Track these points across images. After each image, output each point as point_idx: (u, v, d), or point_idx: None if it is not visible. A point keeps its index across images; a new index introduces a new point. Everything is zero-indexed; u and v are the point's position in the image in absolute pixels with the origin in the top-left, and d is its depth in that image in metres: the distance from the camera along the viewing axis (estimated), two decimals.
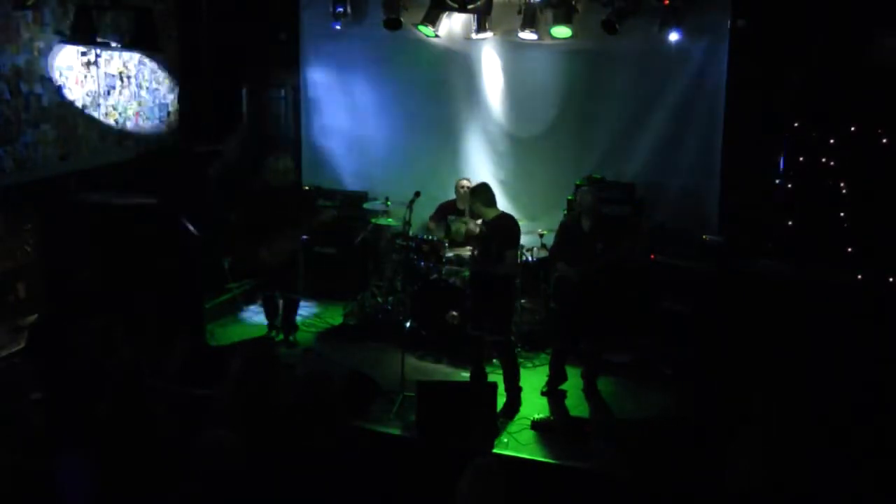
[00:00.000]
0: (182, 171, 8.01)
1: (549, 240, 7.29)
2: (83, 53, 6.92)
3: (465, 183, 7.79)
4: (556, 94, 8.23)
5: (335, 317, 8.05)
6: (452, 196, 8.06)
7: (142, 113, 7.77)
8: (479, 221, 6.53)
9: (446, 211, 7.96)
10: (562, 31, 7.65)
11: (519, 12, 7.82)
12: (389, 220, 8.17)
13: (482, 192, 6.29)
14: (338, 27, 8.54)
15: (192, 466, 3.70)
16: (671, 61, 7.76)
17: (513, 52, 8.28)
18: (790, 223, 7.16)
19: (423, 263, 7.49)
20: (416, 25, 8.12)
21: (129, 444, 4.18)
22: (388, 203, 8.16)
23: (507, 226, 6.21)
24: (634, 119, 8.01)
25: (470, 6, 7.82)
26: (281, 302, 7.49)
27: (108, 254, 6.64)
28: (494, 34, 8.21)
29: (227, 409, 4.17)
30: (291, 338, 7.48)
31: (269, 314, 7.54)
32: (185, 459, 4.03)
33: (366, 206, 8.53)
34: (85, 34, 6.58)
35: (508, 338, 6.40)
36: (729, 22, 7.43)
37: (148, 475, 4.09)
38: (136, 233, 6.69)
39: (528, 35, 7.79)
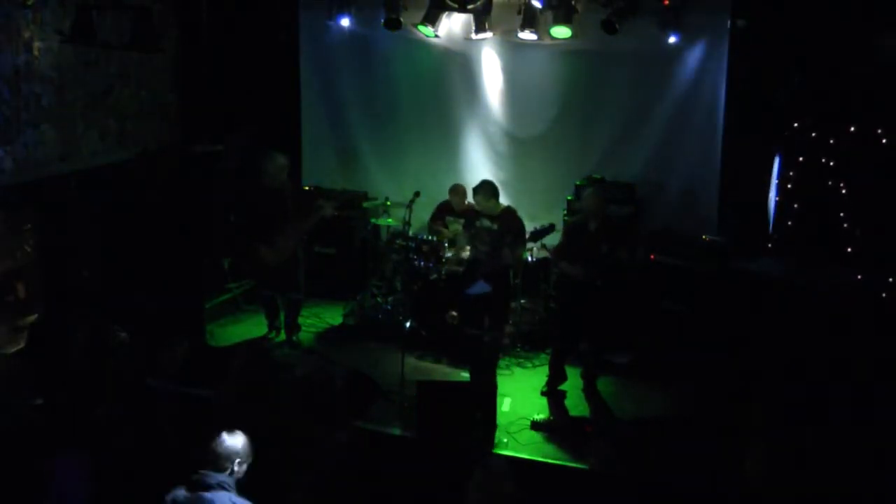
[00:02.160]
0: (182, 171, 8.01)
1: (549, 240, 7.28)
2: (84, 53, 6.91)
3: (461, 189, 7.79)
4: (556, 94, 8.23)
5: (335, 317, 8.04)
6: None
7: (142, 113, 7.76)
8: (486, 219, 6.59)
9: (444, 211, 7.95)
10: (562, 31, 7.65)
11: (519, 12, 7.82)
12: (389, 220, 8.17)
13: (491, 187, 6.53)
14: (344, 21, 8.51)
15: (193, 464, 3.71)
16: (671, 61, 7.76)
17: (513, 52, 8.28)
18: (790, 223, 7.16)
19: (422, 263, 7.48)
20: (416, 25, 8.12)
21: (127, 445, 4.19)
22: (388, 203, 8.16)
23: (516, 219, 6.42)
24: (634, 119, 8.02)
25: (470, 6, 7.82)
26: (280, 303, 7.46)
27: (108, 254, 6.65)
28: (494, 34, 8.21)
29: (227, 409, 4.17)
30: (294, 338, 7.45)
31: (270, 315, 7.51)
32: (184, 459, 4.03)
33: (366, 205, 8.53)
34: (85, 34, 6.58)
35: (503, 335, 6.42)
36: (728, 22, 7.43)
37: (147, 475, 4.09)
38: (137, 232, 6.70)
39: (527, 35, 7.79)
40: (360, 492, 4.08)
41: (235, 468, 3.62)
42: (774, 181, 7.29)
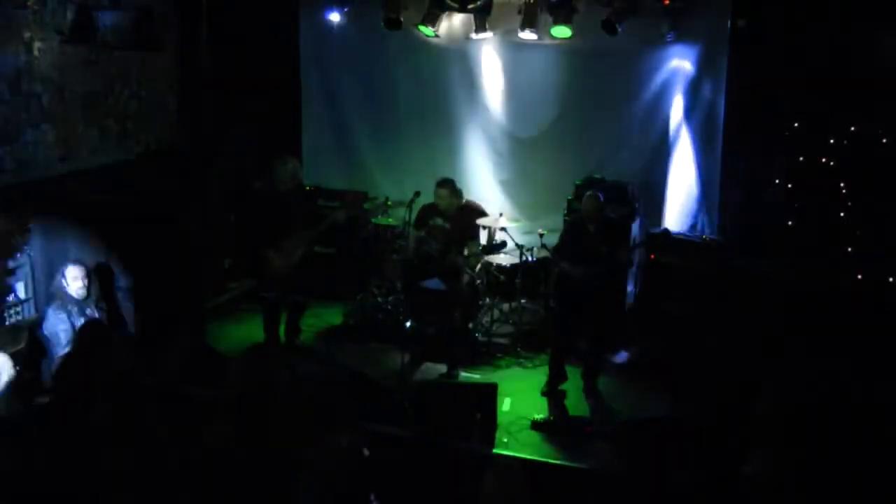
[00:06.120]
0: (182, 171, 8.01)
1: (549, 240, 7.30)
2: (84, 53, 6.91)
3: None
4: (556, 94, 8.23)
5: (335, 317, 8.04)
6: None
7: (142, 113, 7.76)
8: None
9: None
10: (562, 31, 7.65)
11: (519, 12, 7.82)
12: (389, 220, 8.17)
13: (454, 184, 6.94)
14: (344, 21, 8.47)
15: (192, 465, 3.70)
16: (671, 61, 7.76)
17: (513, 52, 8.28)
18: (790, 223, 7.16)
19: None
20: (416, 25, 8.12)
21: (126, 445, 4.18)
22: (388, 203, 8.15)
23: (471, 219, 6.99)
24: (634, 119, 8.02)
25: (470, 6, 7.83)
26: (283, 306, 7.34)
27: (108, 254, 6.64)
28: (494, 34, 8.21)
29: (228, 410, 4.17)
30: (294, 340, 7.40)
31: (270, 323, 7.17)
32: (183, 459, 4.03)
33: (366, 206, 8.52)
34: (85, 34, 6.58)
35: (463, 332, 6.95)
36: (729, 22, 7.43)
37: (145, 476, 4.09)
38: (137, 233, 6.69)
39: (528, 35, 7.79)
40: (361, 492, 4.08)
41: None
42: (775, 181, 7.29)
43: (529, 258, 7.56)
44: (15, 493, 3.98)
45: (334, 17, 8.57)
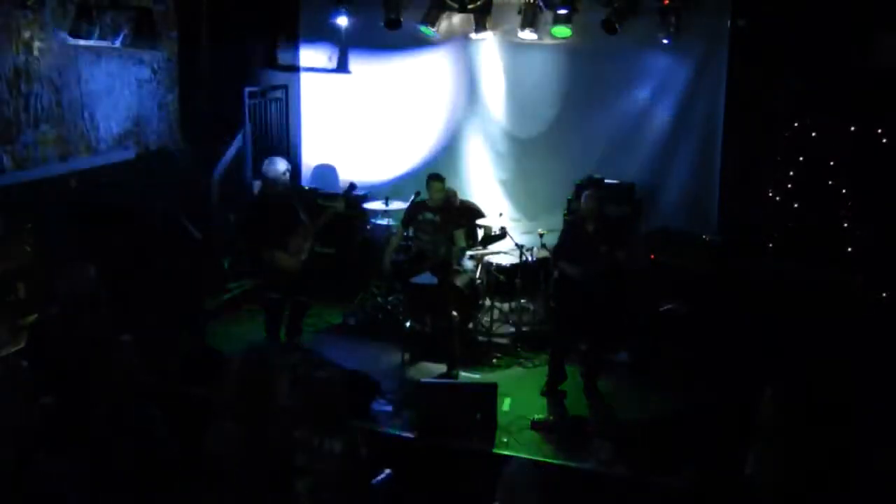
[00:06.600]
0: (182, 171, 8.01)
1: (549, 239, 7.30)
2: (83, 53, 6.91)
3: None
4: (556, 94, 8.24)
5: (335, 317, 8.04)
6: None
7: (141, 113, 7.76)
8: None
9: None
10: (562, 31, 7.66)
11: (519, 12, 7.82)
12: (389, 219, 8.17)
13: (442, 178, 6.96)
14: (340, 18, 8.48)
15: (193, 464, 3.70)
16: (671, 61, 7.77)
17: (513, 52, 8.29)
18: (790, 223, 7.16)
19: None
20: (416, 25, 8.12)
21: (126, 445, 4.18)
22: (389, 203, 8.16)
23: (460, 211, 7.17)
24: (634, 119, 8.03)
25: (470, 6, 7.84)
26: (287, 306, 7.32)
27: (109, 254, 6.64)
28: (494, 34, 8.22)
29: (228, 410, 4.17)
30: (295, 340, 7.39)
31: (272, 323, 7.12)
32: (182, 459, 4.03)
33: (366, 205, 8.52)
34: (85, 34, 6.58)
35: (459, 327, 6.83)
36: (729, 22, 7.44)
37: (144, 476, 4.09)
38: (137, 233, 6.69)
39: (528, 35, 7.80)
40: (360, 492, 4.08)
41: None
42: (775, 181, 7.29)
43: (529, 258, 7.56)
44: (16, 492, 3.98)
45: (335, 17, 8.56)
